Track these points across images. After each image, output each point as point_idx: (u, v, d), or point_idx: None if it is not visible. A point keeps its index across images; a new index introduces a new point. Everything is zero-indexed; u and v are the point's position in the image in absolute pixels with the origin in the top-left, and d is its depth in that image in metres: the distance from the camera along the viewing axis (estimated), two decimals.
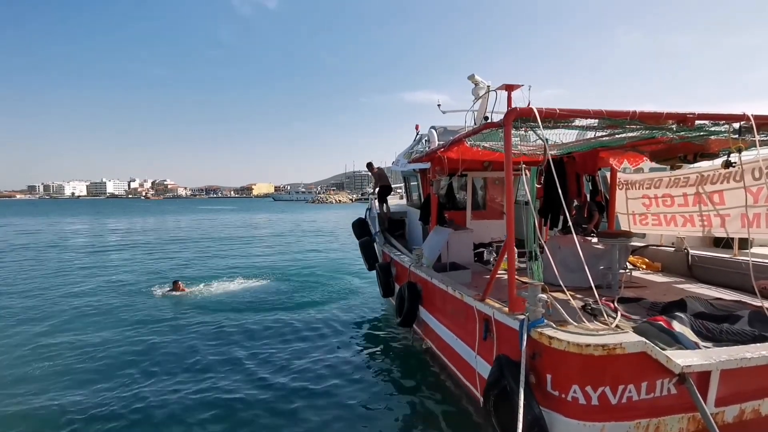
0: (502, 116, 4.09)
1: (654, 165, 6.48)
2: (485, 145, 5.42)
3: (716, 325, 3.95)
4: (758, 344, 3.36)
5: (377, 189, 10.65)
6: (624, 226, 7.89)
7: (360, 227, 10.24)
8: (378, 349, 7.41)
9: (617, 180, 7.50)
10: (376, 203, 10.92)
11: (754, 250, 6.83)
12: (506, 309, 3.89)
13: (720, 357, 3.08)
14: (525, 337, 3.32)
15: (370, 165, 11.08)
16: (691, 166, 5.84)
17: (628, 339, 3.04)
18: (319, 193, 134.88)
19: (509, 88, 7.23)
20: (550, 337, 3.16)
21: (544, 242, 6.19)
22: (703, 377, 3.08)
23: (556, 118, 3.66)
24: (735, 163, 4.22)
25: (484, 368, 4.25)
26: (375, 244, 9.71)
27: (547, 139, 4.16)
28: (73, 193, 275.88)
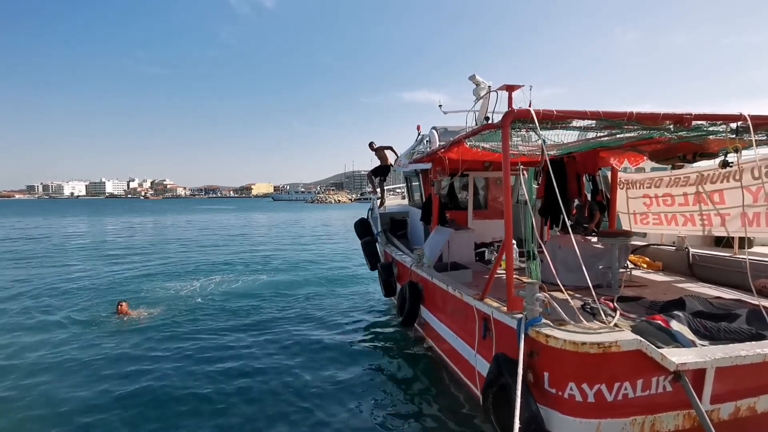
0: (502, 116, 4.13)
1: (655, 164, 6.51)
2: (485, 146, 5.47)
3: (714, 324, 3.99)
4: (754, 342, 3.40)
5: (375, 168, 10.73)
6: (625, 226, 7.91)
7: (362, 227, 10.30)
8: (379, 348, 7.47)
9: (618, 179, 7.52)
10: (378, 203, 10.98)
11: (755, 249, 6.85)
12: (505, 308, 3.94)
13: (715, 355, 3.12)
14: (522, 335, 3.38)
15: (371, 145, 10.87)
16: (691, 165, 5.86)
17: (623, 337, 3.09)
18: (318, 192, 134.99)
19: (510, 88, 7.26)
20: (547, 336, 3.21)
21: (545, 241, 6.24)
22: (698, 375, 3.12)
23: (554, 120, 3.70)
24: (732, 163, 4.25)
25: (483, 366, 4.30)
26: (377, 244, 9.77)
27: (545, 141, 4.21)
28: (72, 193, 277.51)
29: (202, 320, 8.94)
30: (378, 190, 11.05)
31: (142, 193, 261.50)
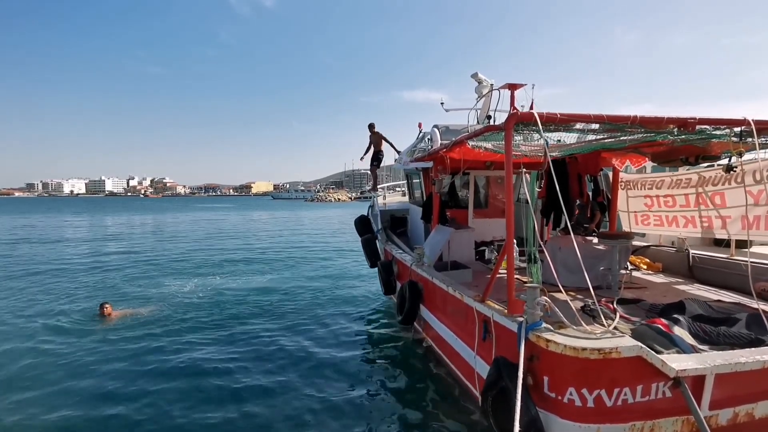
0: (504, 115, 4.11)
1: (657, 165, 6.49)
2: (487, 145, 5.45)
3: (714, 328, 3.99)
4: (753, 348, 3.40)
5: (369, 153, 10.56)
6: (625, 225, 7.90)
7: (362, 225, 10.30)
8: (378, 346, 7.48)
9: (619, 179, 7.51)
10: (378, 201, 10.96)
11: (755, 249, 6.83)
12: (505, 311, 3.94)
13: (715, 361, 3.13)
14: (523, 339, 3.37)
15: (371, 126, 10.52)
16: (693, 167, 5.85)
17: (623, 343, 3.08)
18: (318, 191, 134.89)
19: (512, 87, 7.21)
20: (548, 340, 3.21)
21: (546, 242, 6.23)
22: (697, 381, 3.13)
23: (557, 122, 3.68)
24: (736, 167, 4.24)
25: (483, 368, 4.31)
26: (377, 242, 9.76)
27: (547, 142, 4.18)
28: (71, 191, 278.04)
29: (194, 321, 8.69)
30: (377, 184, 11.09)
31: (142, 192, 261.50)
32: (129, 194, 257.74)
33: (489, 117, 7.98)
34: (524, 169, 4.78)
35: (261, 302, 10.27)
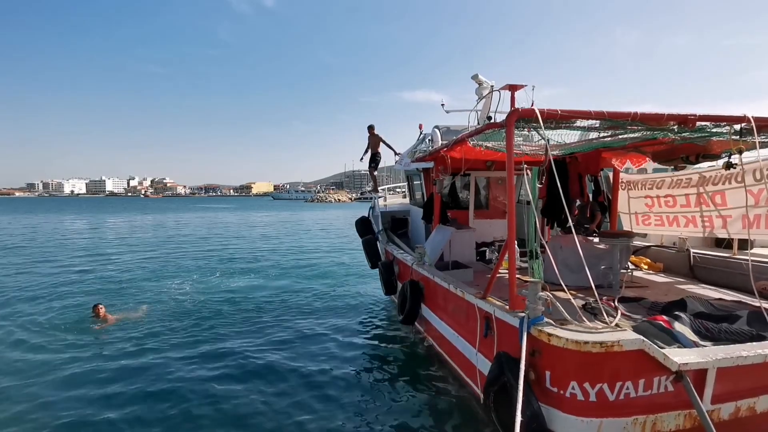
0: (505, 116, 4.13)
1: (657, 165, 6.52)
2: (488, 145, 5.48)
3: (715, 325, 4.00)
4: (755, 343, 3.41)
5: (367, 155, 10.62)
6: (626, 226, 7.93)
7: (363, 225, 10.31)
8: (380, 346, 7.48)
9: (620, 180, 7.54)
10: (379, 202, 11.00)
11: (755, 250, 6.86)
12: (507, 307, 3.95)
13: (717, 355, 3.13)
14: (525, 334, 3.38)
15: (371, 128, 10.56)
16: (693, 166, 5.88)
17: (625, 337, 3.09)
18: (318, 192, 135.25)
19: (513, 88, 7.25)
20: (550, 335, 3.22)
21: (547, 242, 6.26)
22: (699, 375, 3.13)
23: (558, 119, 3.71)
24: (736, 164, 4.27)
25: (484, 365, 4.31)
26: (378, 243, 9.78)
27: (549, 140, 4.21)
28: (72, 191, 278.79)
29: (192, 322, 8.54)
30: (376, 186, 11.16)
31: (142, 192, 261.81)
32: (129, 194, 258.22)
33: (489, 118, 8.00)
34: (525, 165, 4.82)
35: (260, 303, 10.26)
